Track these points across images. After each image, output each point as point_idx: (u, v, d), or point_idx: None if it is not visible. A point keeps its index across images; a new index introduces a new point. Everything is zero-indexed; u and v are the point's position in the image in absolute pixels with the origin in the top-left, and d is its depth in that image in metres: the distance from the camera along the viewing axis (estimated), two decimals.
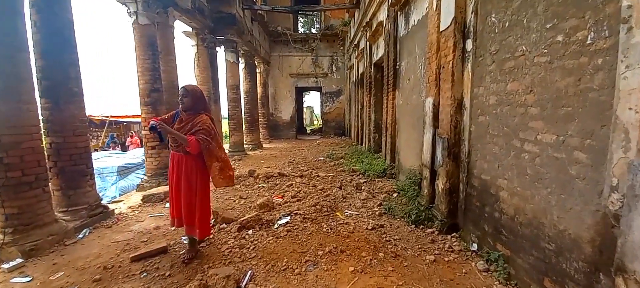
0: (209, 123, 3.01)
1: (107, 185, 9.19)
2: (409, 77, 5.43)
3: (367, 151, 9.18)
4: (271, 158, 9.61)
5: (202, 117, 2.98)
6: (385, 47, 6.88)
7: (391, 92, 6.44)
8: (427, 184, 4.00)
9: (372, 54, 9.14)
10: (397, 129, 6.31)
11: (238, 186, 6.19)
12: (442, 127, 3.59)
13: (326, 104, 17.11)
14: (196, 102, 3.01)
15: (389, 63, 6.66)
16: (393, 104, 6.39)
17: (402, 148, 5.96)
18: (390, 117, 6.45)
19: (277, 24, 15.99)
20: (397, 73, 6.25)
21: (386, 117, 6.91)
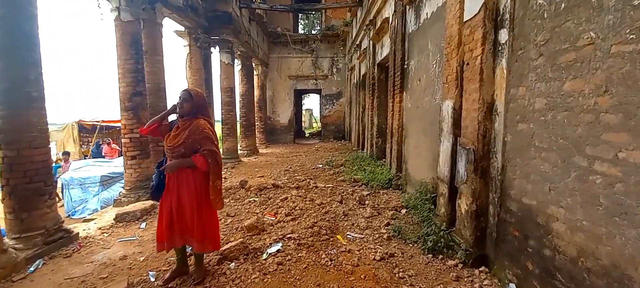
0: (209, 130, 2.69)
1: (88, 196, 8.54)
2: (419, 78, 4.82)
3: (369, 157, 8.56)
4: (266, 165, 8.99)
5: (200, 122, 2.65)
6: (391, 46, 6.27)
7: (398, 94, 5.83)
8: (445, 202, 3.38)
9: (375, 53, 8.55)
10: (404, 135, 5.69)
11: (227, 200, 5.57)
12: (465, 135, 2.97)
13: (326, 107, 16.51)
14: (197, 109, 2.68)
15: (395, 62, 6.05)
16: (400, 107, 5.78)
17: (410, 157, 5.33)
18: (397, 122, 5.83)
19: (277, 24, 15.43)
20: (404, 73, 5.64)
21: (391, 121, 6.29)
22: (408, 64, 5.46)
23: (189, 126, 2.64)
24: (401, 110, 5.77)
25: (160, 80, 6.73)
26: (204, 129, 2.65)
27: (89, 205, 8.34)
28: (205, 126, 2.69)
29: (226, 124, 9.34)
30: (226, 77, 9.20)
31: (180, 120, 2.67)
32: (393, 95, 6.19)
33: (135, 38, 6.03)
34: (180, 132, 2.65)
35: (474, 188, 2.78)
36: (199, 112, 2.71)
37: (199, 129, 2.63)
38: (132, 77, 5.98)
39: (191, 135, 2.62)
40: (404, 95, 5.69)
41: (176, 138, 2.65)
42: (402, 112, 5.77)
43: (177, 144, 2.63)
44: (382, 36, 7.63)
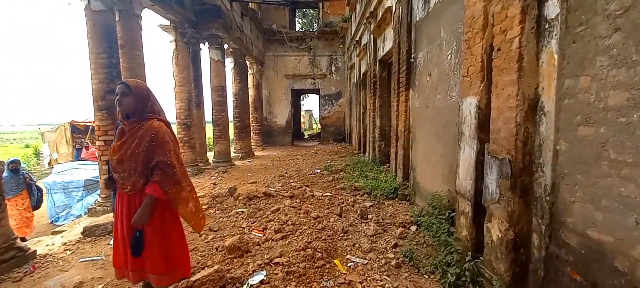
0: (165, 134, 2.07)
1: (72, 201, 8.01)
2: (429, 72, 4.18)
3: (372, 162, 7.92)
4: (261, 170, 8.35)
5: (152, 125, 2.04)
6: (395, 38, 5.64)
7: (403, 92, 5.19)
8: (467, 224, 2.74)
9: (377, 49, 7.91)
10: (411, 139, 5.05)
11: (212, 210, 4.94)
12: (497, 141, 2.33)
13: (325, 108, 15.87)
14: (142, 104, 2.07)
15: (400, 57, 5.42)
16: (406, 107, 5.14)
17: (419, 164, 4.69)
18: (403, 124, 5.19)
19: (272, 21, 14.80)
20: (411, 68, 5.01)
21: (396, 123, 5.65)
22: (415, 58, 4.82)
23: (137, 131, 2.02)
24: (407, 111, 5.13)
25: (140, 77, 6.09)
26: (158, 134, 2.03)
27: (72, 211, 7.82)
28: (159, 129, 2.07)
29: (217, 125, 8.71)
30: (216, 75, 8.57)
31: (125, 123, 2.04)
32: (398, 94, 5.55)
33: (108, 30, 5.42)
34: (126, 139, 2.03)
35: (510, 210, 2.14)
36: (147, 109, 2.10)
37: (150, 133, 2.01)
38: (106, 73, 5.38)
39: (142, 142, 2.00)
40: (411, 94, 5.05)
41: (121, 149, 2.03)
42: (408, 113, 5.13)
43: (122, 157, 2.02)
44: (384, 29, 7.00)
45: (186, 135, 7.73)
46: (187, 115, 7.70)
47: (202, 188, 6.63)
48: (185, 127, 7.69)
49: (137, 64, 6.07)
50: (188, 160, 7.88)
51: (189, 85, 7.67)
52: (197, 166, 8.09)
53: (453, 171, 3.21)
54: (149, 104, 2.14)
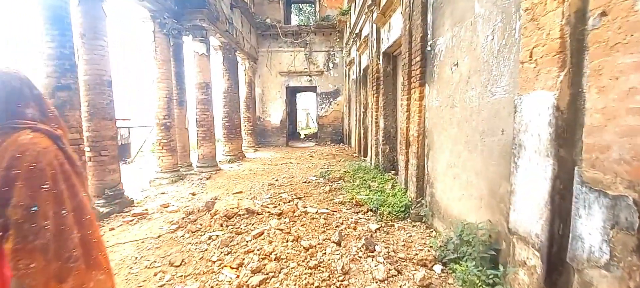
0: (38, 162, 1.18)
1: None
2: (456, 62, 3.25)
3: (375, 169, 7.00)
4: (249, 176, 7.40)
5: (17, 141, 1.18)
6: (405, 24, 4.71)
7: (416, 88, 4.26)
8: (533, 283, 1.82)
9: (380, 40, 6.98)
10: (427, 145, 4.13)
11: (180, 233, 4.01)
12: (603, 165, 1.40)
13: (322, 106, 14.93)
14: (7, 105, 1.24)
15: (411, 46, 4.49)
16: (420, 107, 4.21)
17: (440, 178, 3.77)
18: (416, 127, 4.26)
19: (266, 15, 13.83)
20: (427, 59, 4.08)
21: (406, 125, 4.73)
22: (433, 46, 3.89)
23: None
24: (422, 111, 4.20)
25: (104, 71, 5.13)
26: (23, 156, 1.10)
27: None
28: (28, 148, 1.13)
29: (201, 126, 7.76)
30: (200, 71, 7.60)
31: None
32: (408, 91, 4.62)
33: (59, 14, 4.45)
34: None
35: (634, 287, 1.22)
36: (17, 112, 1.19)
37: (11, 155, 1.09)
38: (55, 66, 4.41)
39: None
40: (427, 90, 4.12)
41: None
42: (423, 114, 4.20)
43: None
44: (389, 16, 6.06)
45: (165, 137, 6.80)
46: (167, 114, 6.77)
47: (179, 199, 5.69)
48: (164, 127, 6.76)
49: (99, 56, 5.09)
50: (167, 165, 6.95)
51: (169, 82, 6.71)
52: (178, 172, 7.15)
53: (499, 197, 2.30)
54: (19, 105, 1.21)
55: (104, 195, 4.98)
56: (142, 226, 4.58)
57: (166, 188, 6.45)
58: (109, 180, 5.10)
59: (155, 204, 5.44)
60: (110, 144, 5.16)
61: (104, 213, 4.68)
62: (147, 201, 5.65)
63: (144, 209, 5.02)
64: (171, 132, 6.82)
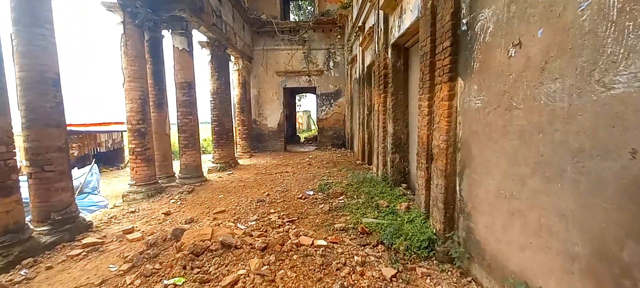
0: None
1: None
2: (516, 40, 2.20)
3: (382, 181, 5.94)
4: (237, 189, 6.34)
5: None
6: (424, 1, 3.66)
7: (445, 83, 3.20)
8: None
9: (389, 29, 5.94)
10: (461, 161, 3.06)
11: (129, 279, 2.97)
12: None
13: (322, 108, 13.87)
14: None
15: (435, 27, 3.44)
16: (449, 108, 3.15)
17: (484, 208, 2.70)
18: (444, 135, 3.19)
19: (261, 11, 12.79)
20: (460, 43, 3.02)
21: (427, 132, 3.66)
22: (471, 22, 2.84)
23: None
24: (452, 114, 3.14)
25: (47, 66, 4.10)
26: None
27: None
28: None
29: (183, 132, 6.71)
30: (181, 68, 6.56)
31: None
32: (430, 88, 3.57)
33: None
34: None
35: None
36: None
37: None
38: None
39: None
40: (459, 86, 3.06)
41: None
42: (454, 118, 3.13)
43: None
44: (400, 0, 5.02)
45: (139, 144, 5.83)
46: (141, 119, 5.77)
47: (149, 221, 4.68)
48: (138, 134, 5.77)
49: (41, 48, 4.06)
50: (142, 177, 5.95)
51: (142, 81, 5.66)
52: (156, 185, 6.15)
53: (620, 266, 1.24)
54: None
55: (49, 220, 4.00)
56: (89, 263, 3.59)
57: (139, 205, 5.51)
58: (56, 201, 4.10)
59: (118, 228, 4.46)
60: (57, 156, 4.14)
61: (47, 244, 3.74)
62: (111, 223, 4.69)
63: (102, 236, 4.07)
64: (147, 139, 5.81)
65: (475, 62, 2.77)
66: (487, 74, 2.57)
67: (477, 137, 2.78)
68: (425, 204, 3.82)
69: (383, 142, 6.29)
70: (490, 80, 2.53)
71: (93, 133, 12.12)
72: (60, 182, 4.14)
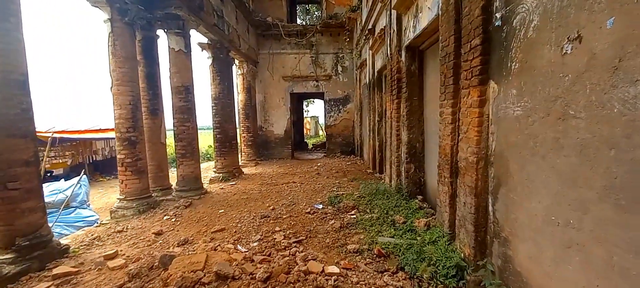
0: None
1: None
2: (574, 34, 1.78)
3: (396, 193, 5.51)
4: (240, 202, 5.95)
5: None
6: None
7: (474, 87, 2.78)
8: None
9: (402, 30, 5.54)
10: (496, 177, 2.62)
11: None
12: None
13: (330, 114, 13.49)
14: None
15: (459, 23, 3.03)
16: (480, 116, 2.73)
17: (526, 234, 2.27)
18: (474, 146, 2.77)
19: (267, 13, 12.52)
20: (492, 40, 2.61)
21: (453, 142, 3.24)
22: (507, 15, 2.42)
23: None
24: (483, 123, 2.72)
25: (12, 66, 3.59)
26: None
27: None
28: None
29: (180, 140, 6.30)
30: (177, 71, 6.19)
31: None
32: (455, 92, 3.16)
33: None
34: None
35: None
36: None
37: None
38: None
39: None
40: (492, 90, 2.64)
41: None
42: (485, 127, 2.71)
43: None
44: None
45: (129, 155, 5.37)
46: (131, 126, 5.33)
47: (136, 243, 4.20)
48: (128, 143, 5.34)
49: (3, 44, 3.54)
50: (133, 190, 5.49)
51: (133, 84, 5.28)
52: (148, 199, 5.70)
53: None
54: None
55: (13, 246, 3.41)
56: None
57: (128, 222, 4.99)
58: (23, 224, 3.49)
59: (100, 251, 3.96)
60: (23, 171, 3.52)
61: (10, 276, 3.20)
62: (93, 246, 4.19)
63: (78, 264, 3.59)
64: (138, 148, 5.38)
65: (514, 62, 2.35)
66: (531, 75, 2.15)
67: (516, 150, 2.35)
68: (449, 223, 3.38)
69: (397, 150, 5.87)
70: (536, 83, 2.11)
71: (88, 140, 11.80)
72: (28, 202, 3.55)
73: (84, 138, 11.53)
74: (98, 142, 12.39)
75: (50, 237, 3.72)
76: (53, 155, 10.70)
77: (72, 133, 11.32)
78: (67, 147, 11.16)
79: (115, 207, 5.40)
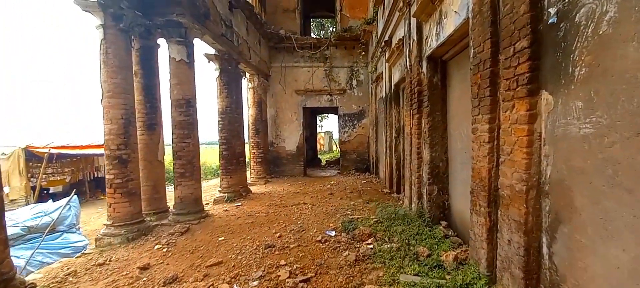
0: None
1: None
2: None
3: (418, 217, 4.94)
4: (243, 228, 5.43)
5: None
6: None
7: (521, 99, 2.25)
8: None
9: (423, 40, 5.08)
10: (553, 211, 2.07)
11: None
12: None
13: (344, 130, 13.02)
14: None
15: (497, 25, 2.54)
16: (528, 133, 2.19)
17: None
18: (522, 171, 2.22)
19: (280, 26, 12.32)
20: (544, 42, 2.10)
21: (491, 165, 2.70)
22: (566, 12, 1.92)
23: None
24: (534, 143, 2.18)
25: None
26: None
27: None
28: None
29: (179, 158, 5.82)
30: (178, 83, 5.80)
31: None
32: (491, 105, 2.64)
33: None
34: None
35: None
36: None
37: None
38: None
39: None
40: (544, 102, 2.11)
41: None
42: (537, 148, 2.17)
43: None
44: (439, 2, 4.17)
45: (119, 175, 4.87)
46: (123, 143, 4.88)
47: (115, 282, 3.58)
48: (117, 162, 4.86)
49: None
50: (122, 215, 4.93)
51: (126, 96, 4.87)
52: (140, 224, 5.15)
53: None
54: None
55: None
56: None
57: (114, 253, 4.42)
58: None
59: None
60: None
61: None
62: (65, 283, 3.63)
63: None
64: (129, 167, 4.94)
65: (577, 66, 1.84)
66: (607, 83, 1.63)
67: (584, 179, 1.81)
68: (486, 262, 2.80)
69: (417, 170, 5.32)
70: (616, 93, 1.59)
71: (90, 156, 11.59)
72: None
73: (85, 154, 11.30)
74: (100, 158, 12.17)
75: (13, 274, 3.13)
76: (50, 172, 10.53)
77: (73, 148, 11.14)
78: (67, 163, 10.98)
79: (101, 233, 4.86)
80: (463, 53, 4.26)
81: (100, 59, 4.76)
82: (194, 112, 5.91)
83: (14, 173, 9.65)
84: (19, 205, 9.06)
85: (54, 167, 10.42)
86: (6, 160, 9.72)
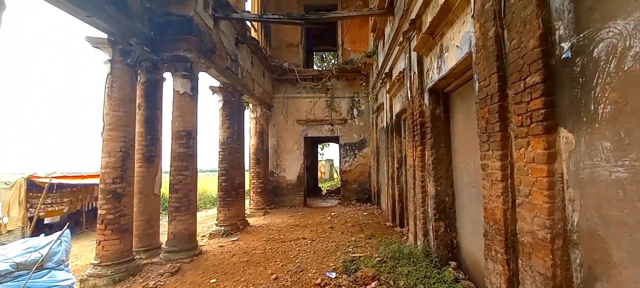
0: None
1: None
2: None
3: (424, 257, 4.65)
4: (238, 268, 5.10)
5: None
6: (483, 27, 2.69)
7: (535, 137, 2.07)
8: None
9: (423, 71, 5.02)
10: (588, 266, 1.84)
11: None
12: None
13: (345, 159, 12.84)
14: None
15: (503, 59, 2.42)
16: (548, 174, 1.99)
17: None
18: (544, 216, 1.99)
19: (283, 59, 12.48)
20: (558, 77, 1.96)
21: (503, 206, 2.48)
22: (582, 47, 1.79)
23: None
24: (556, 185, 1.97)
25: None
26: None
27: None
28: None
29: (175, 191, 5.58)
30: (180, 115, 5.69)
31: None
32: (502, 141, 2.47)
33: None
34: None
35: None
36: None
37: None
38: None
39: None
40: (563, 141, 1.94)
41: None
42: (560, 191, 1.96)
43: None
44: (442, 33, 4.11)
45: (112, 210, 4.65)
46: (119, 176, 4.71)
47: None
48: (111, 196, 4.65)
49: None
50: (111, 254, 4.64)
51: (127, 130, 4.74)
52: (129, 263, 4.86)
53: None
54: None
55: None
56: None
57: None
58: None
59: None
60: None
61: None
62: None
63: None
64: (123, 202, 4.72)
65: (601, 104, 1.68)
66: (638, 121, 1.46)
67: (623, 230, 1.59)
68: None
69: (422, 205, 5.07)
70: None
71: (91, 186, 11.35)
72: None
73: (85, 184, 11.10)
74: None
75: None
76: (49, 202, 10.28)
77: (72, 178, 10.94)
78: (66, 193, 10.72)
79: (87, 274, 4.54)
80: (466, 85, 4.16)
81: (104, 92, 4.74)
82: (194, 144, 5.77)
83: (15, 203, 9.39)
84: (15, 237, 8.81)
85: (54, 197, 10.17)
86: (8, 190, 9.50)
